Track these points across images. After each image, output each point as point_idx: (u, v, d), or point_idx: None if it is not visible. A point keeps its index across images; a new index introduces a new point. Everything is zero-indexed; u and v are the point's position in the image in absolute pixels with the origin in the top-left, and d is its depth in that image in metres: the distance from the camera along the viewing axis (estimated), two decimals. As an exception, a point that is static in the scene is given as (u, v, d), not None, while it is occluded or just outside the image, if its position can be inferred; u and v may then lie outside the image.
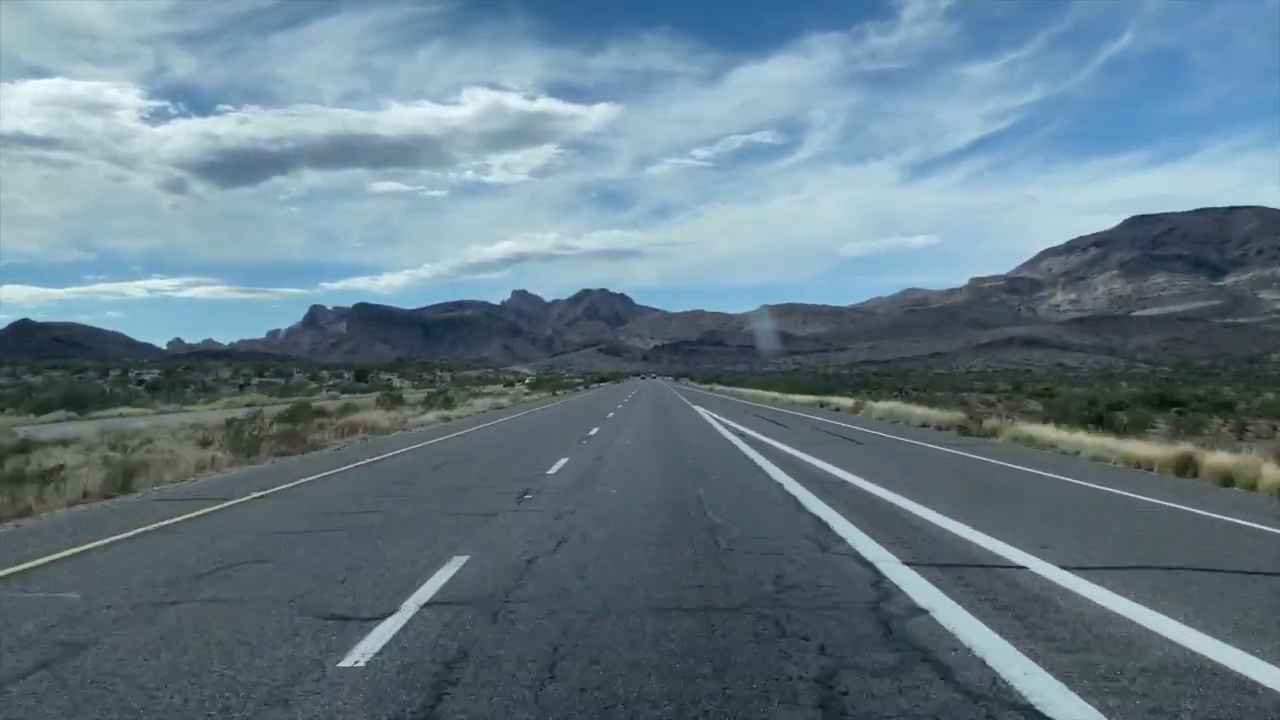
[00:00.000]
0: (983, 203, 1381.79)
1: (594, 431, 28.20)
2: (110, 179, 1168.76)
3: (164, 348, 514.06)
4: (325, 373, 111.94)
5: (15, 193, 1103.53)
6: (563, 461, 17.49)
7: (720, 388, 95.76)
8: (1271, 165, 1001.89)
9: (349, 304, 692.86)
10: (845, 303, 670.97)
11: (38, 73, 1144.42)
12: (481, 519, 10.36)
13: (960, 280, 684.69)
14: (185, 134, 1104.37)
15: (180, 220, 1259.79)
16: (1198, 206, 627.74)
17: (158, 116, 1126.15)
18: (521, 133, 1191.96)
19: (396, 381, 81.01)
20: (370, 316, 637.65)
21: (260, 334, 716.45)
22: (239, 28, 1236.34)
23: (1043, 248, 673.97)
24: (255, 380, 80.00)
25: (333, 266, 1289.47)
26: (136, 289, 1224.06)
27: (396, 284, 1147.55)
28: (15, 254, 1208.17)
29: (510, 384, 71.98)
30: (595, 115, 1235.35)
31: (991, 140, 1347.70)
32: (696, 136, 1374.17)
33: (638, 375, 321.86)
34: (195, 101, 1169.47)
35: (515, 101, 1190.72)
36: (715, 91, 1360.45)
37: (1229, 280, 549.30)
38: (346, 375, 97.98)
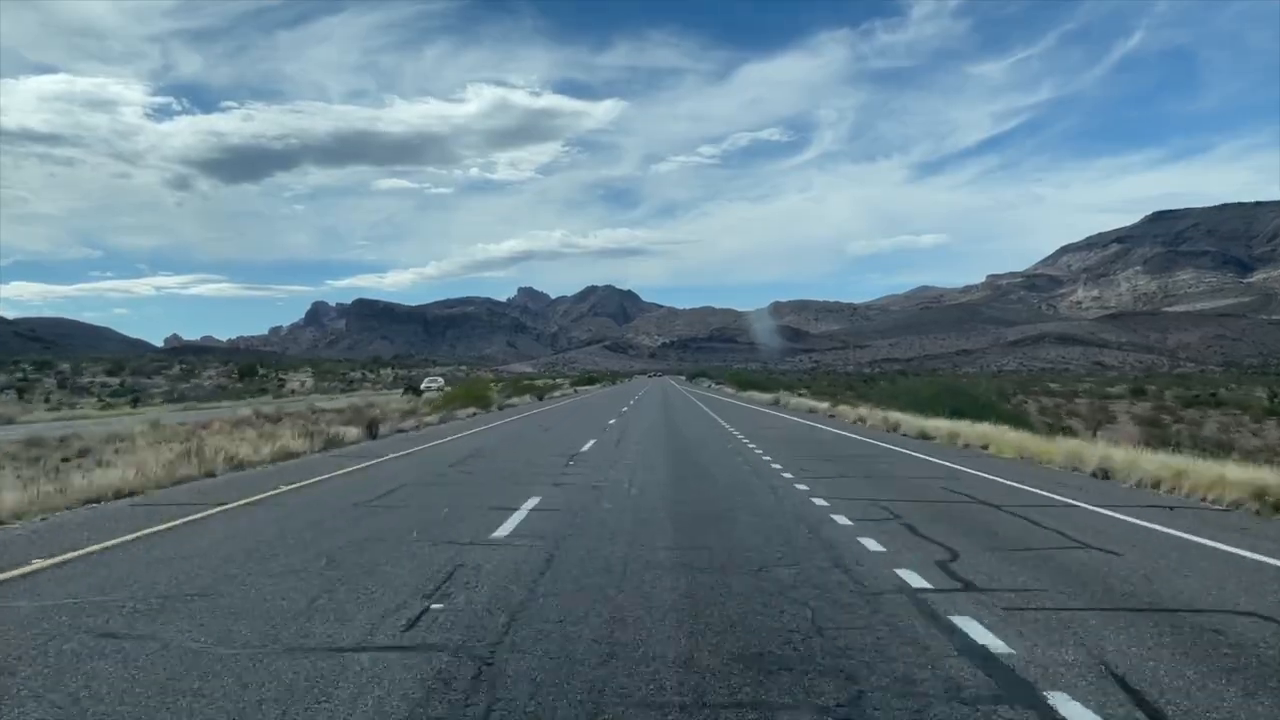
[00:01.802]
0: (991, 201, 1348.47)
1: None
2: (115, 176, 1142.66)
3: (158, 345, 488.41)
4: (212, 372, 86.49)
5: (21, 189, 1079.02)
6: None
7: (795, 399, 56.21)
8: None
9: (351, 300, 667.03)
10: (856, 300, 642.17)
11: (45, 71, 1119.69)
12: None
13: (972, 278, 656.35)
14: (190, 131, 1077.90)
15: (185, 217, 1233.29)
16: (1221, 202, 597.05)
17: (161, 113, 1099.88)
18: (527, 130, 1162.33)
19: (299, 385, 55.12)
20: (370, 313, 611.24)
21: (263, 331, 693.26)
22: (246, 25, 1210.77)
23: (1055, 245, 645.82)
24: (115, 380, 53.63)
25: (339, 264, 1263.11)
26: (143, 286, 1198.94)
27: (403, 282, 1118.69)
28: (23, 251, 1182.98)
29: (416, 391, 42.32)
30: (601, 112, 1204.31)
31: (1001, 139, 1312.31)
32: (704, 134, 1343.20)
33: (644, 374, 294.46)
34: (200, 98, 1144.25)
35: (520, 98, 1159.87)
36: (723, 89, 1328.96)
37: (1258, 277, 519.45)
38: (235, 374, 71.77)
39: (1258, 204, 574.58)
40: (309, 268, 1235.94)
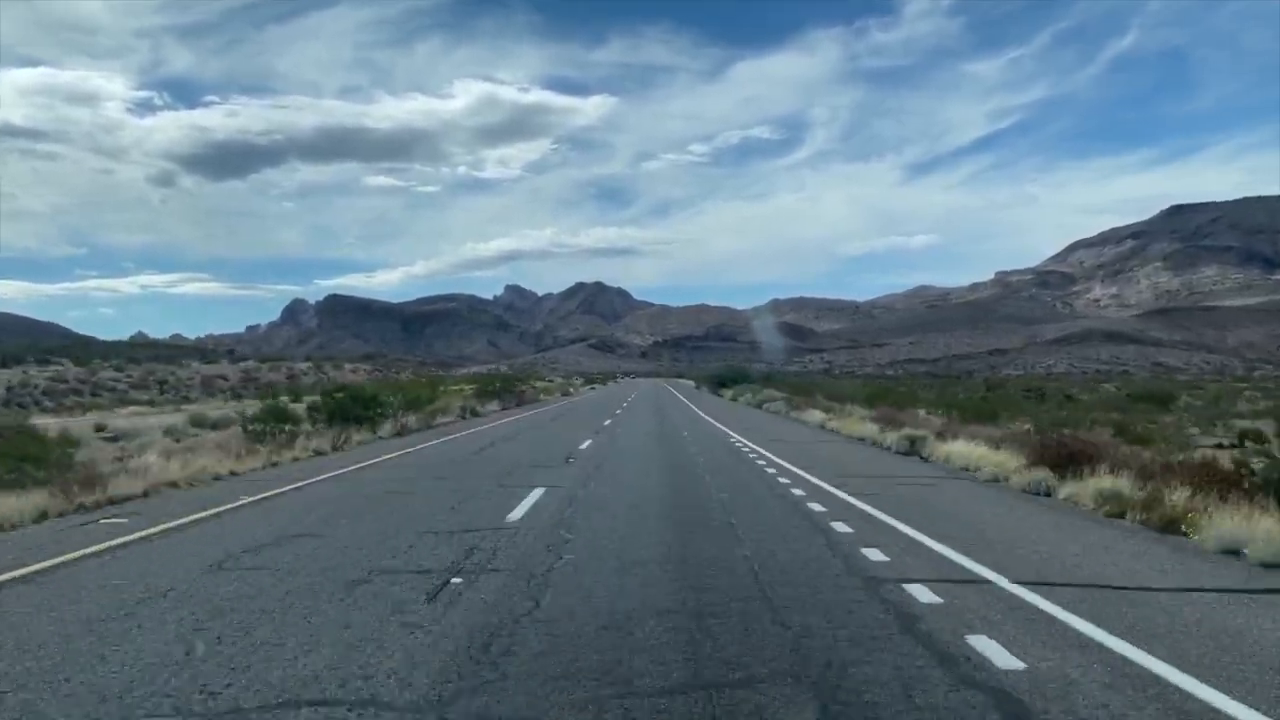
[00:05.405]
0: (986, 201, 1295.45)
1: None
2: (98, 171, 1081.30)
3: (105, 341, 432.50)
4: None
5: (7, 185, 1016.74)
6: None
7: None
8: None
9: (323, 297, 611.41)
10: (854, 299, 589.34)
11: (29, 64, 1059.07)
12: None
13: (970, 276, 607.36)
14: (173, 126, 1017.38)
15: (171, 215, 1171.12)
16: (1241, 196, 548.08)
17: (144, 108, 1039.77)
18: (516, 127, 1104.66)
19: None
20: (342, 309, 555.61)
21: (241, 329, 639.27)
22: (237, 20, 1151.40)
23: (1054, 244, 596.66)
24: None
25: (328, 263, 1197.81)
26: (129, 285, 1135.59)
27: (391, 281, 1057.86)
28: (11, 248, 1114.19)
29: None
30: (590, 108, 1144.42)
31: (995, 138, 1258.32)
32: (696, 133, 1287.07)
33: (629, 375, 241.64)
34: (183, 93, 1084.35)
35: (509, 94, 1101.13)
36: (716, 87, 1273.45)
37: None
38: None
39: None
40: (298, 266, 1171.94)
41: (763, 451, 19.46)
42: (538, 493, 12.52)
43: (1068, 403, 58.56)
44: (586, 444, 22.11)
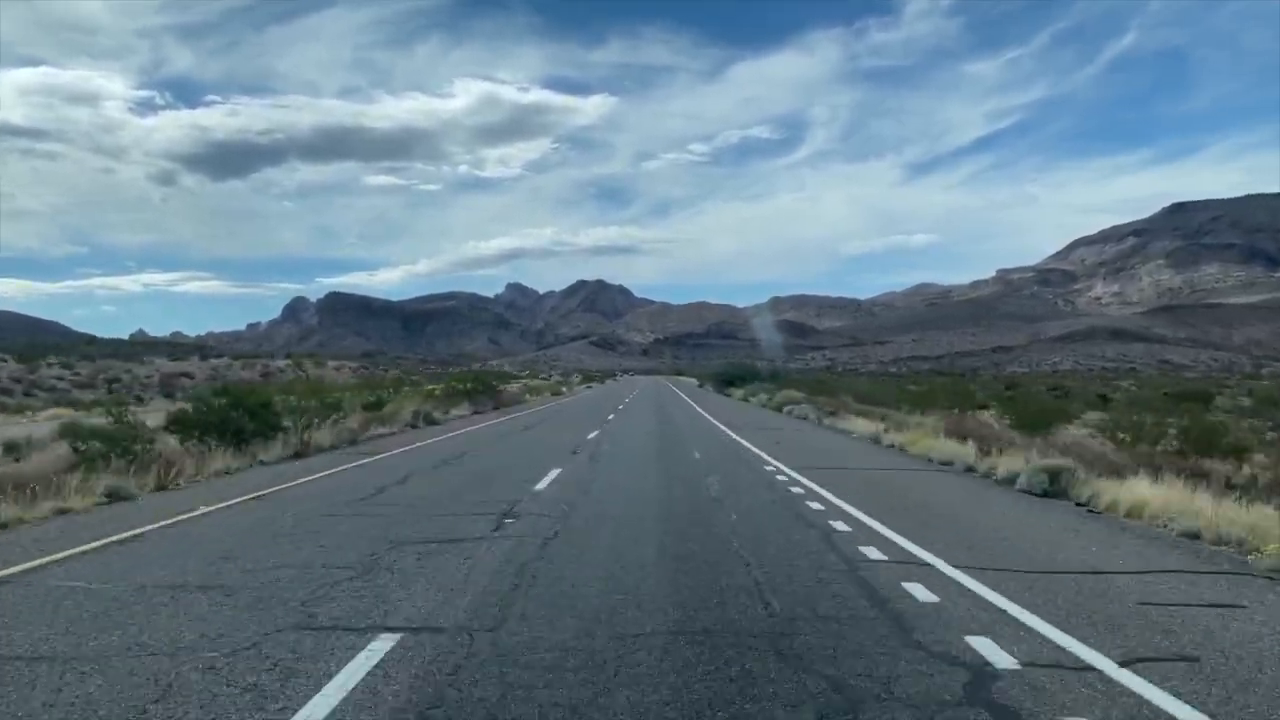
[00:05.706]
0: (985, 201, 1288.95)
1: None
2: (99, 171, 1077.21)
3: (105, 339, 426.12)
4: None
5: (6, 185, 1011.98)
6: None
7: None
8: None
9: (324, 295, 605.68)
10: (855, 297, 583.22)
11: (30, 64, 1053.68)
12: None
13: (971, 274, 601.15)
14: (174, 125, 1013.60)
15: (173, 214, 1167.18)
16: (1244, 193, 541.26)
17: (144, 107, 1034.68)
18: (516, 126, 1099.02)
19: None
20: (343, 307, 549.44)
21: (242, 326, 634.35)
22: (237, 21, 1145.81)
23: (1054, 243, 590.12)
24: None
25: (331, 262, 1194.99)
26: (131, 283, 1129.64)
27: (392, 279, 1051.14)
28: (11, 248, 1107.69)
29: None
30: (590, 108, 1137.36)
31: (994, 138, 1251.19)
32: (696, 133, 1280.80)
33: (629, 372, 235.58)
34: (183, 92, 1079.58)
35: (509, 93, 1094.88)
36: (715, 87, 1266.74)
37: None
38: None
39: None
40: (299, 264, 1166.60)
41: (827, 496, 12.15)
42: (366, 664, 4.95)
43: (1102, 403, 52.91)
44: (551, 476, 14.58)
